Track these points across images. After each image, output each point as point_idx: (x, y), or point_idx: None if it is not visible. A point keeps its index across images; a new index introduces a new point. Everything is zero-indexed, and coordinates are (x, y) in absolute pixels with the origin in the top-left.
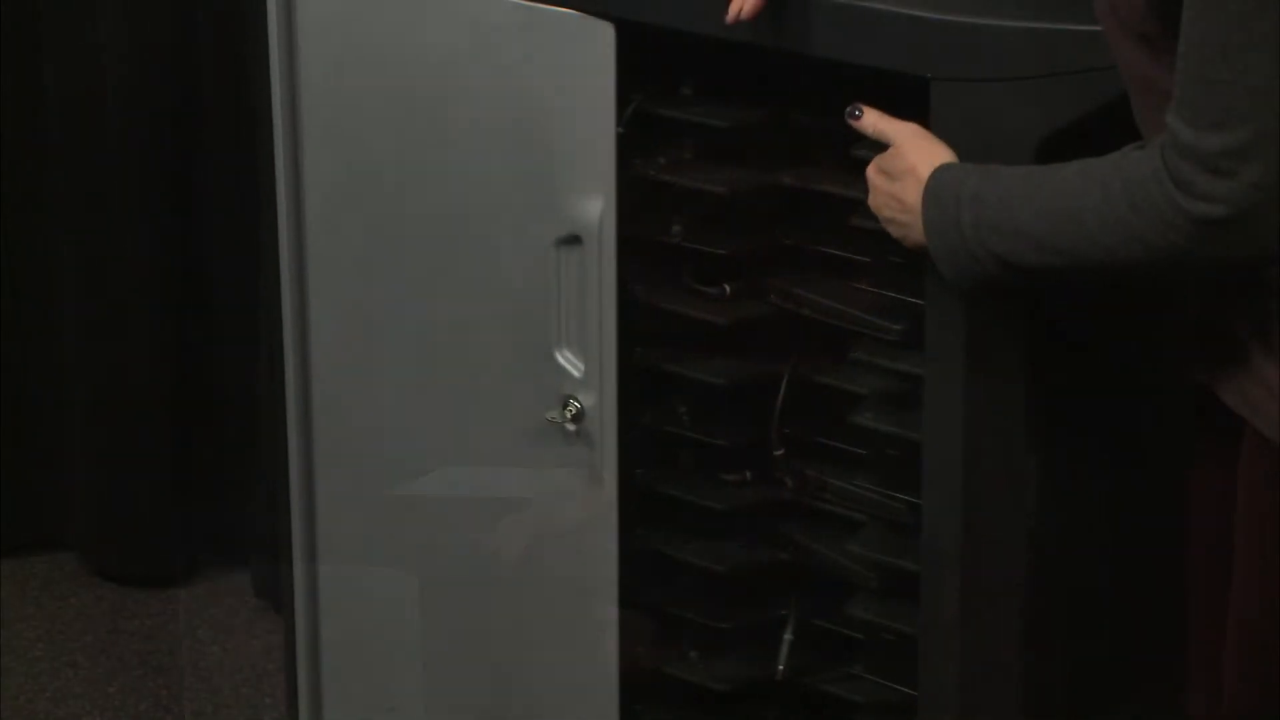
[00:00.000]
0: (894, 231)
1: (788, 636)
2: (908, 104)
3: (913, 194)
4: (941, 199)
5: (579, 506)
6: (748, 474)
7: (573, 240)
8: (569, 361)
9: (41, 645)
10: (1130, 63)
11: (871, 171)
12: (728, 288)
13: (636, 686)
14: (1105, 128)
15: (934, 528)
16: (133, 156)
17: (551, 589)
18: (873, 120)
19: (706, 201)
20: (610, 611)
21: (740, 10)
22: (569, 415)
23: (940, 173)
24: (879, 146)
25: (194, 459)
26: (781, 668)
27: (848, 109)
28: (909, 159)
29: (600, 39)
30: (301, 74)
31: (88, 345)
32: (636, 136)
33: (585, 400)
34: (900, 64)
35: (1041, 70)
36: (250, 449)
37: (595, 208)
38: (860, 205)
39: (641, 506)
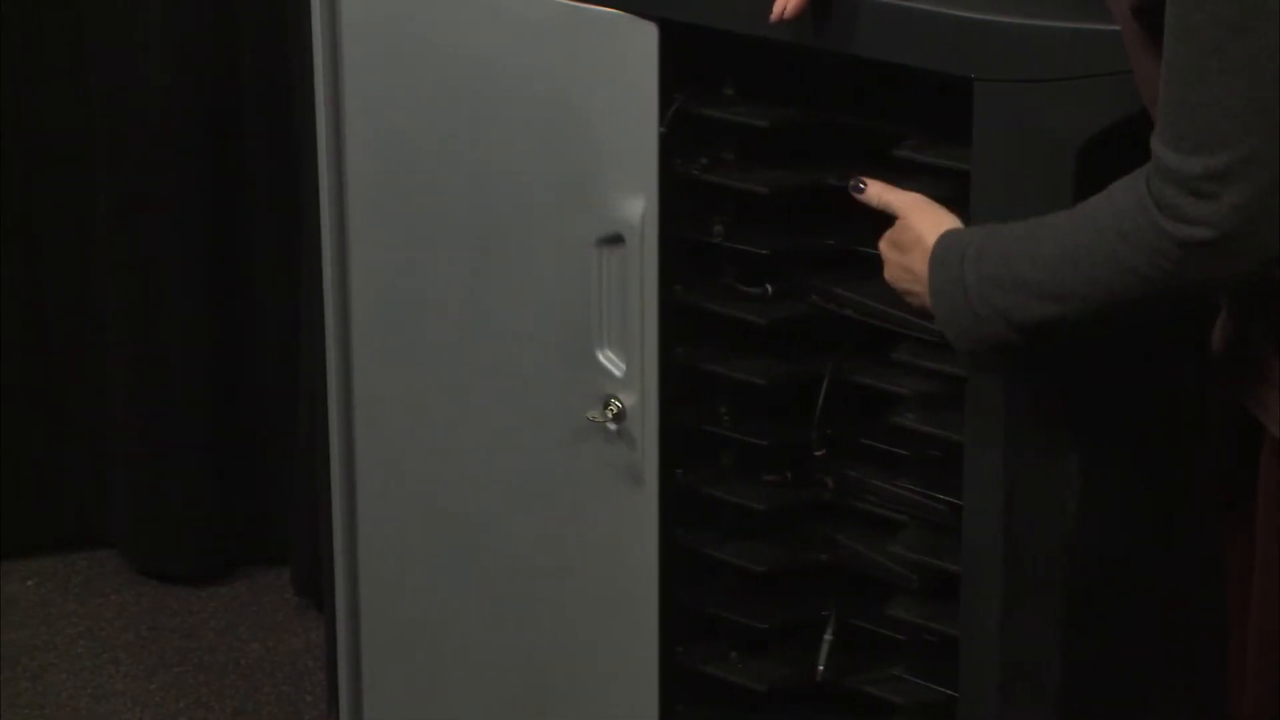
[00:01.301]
0: (913, 303)
1: (828, 637)
2: (950, 104)
3: (921, 263)
4: (946, 261)
5: (619, 506)
6: (788, 474)
7: (615, 240)
8: (610, 361)
9: (83, 642)
10: (1148, 76)
11: (884, 245)
12: (769, 288)
13: (676, 686)
14: (1149, 129)
15: (975, 529)
16: (175, 157)
17: (592, 588)
18: (877, 192)
19: (748, 201)
20: (650, 611)
21: (784, 10)
22: (610, 415)
23: (945, 237)
24: (924, 148)
25: (234, 457)
26: (821, 668)
27: (850, 183)
28: (916, 229)
29: (643, 39)
30: (345, 73)
31: (128, 344)
32: (679, 136)
33: (626, 400)
34: (944, 64)
35: (1086, 71)
36: (291, 447)
37: (637, 207)
38: None
39: (682, 506)
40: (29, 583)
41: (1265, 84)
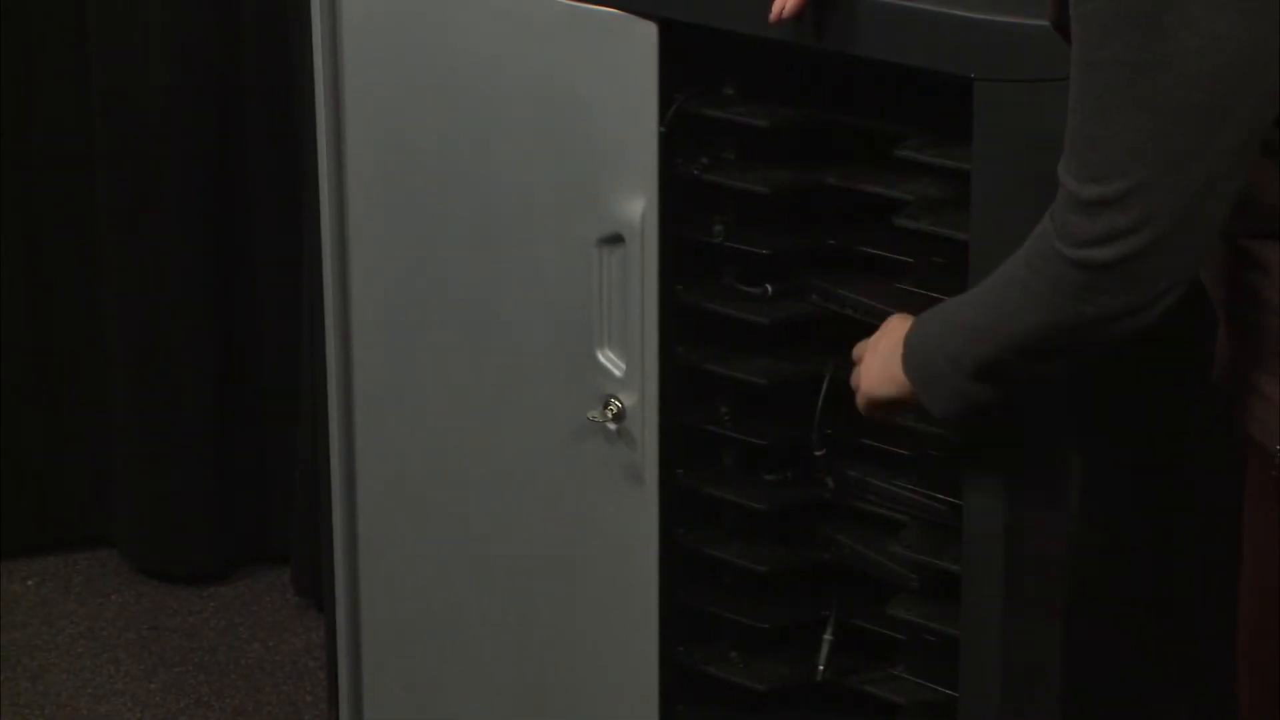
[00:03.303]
0: (889, 401)
1: (828, 637)
2: (950, 103)
3: (892, 348)
4: (923, 326)
5: (620, 506)
6: (789, 474)
7: (615, 239)
8: (610, 361)
9: (84, 642)
10: None
11: (854, 378)
12: (769, 287)
13: (676, 686)
14: None
15: (975, 528)
16: (176, 157)
17: (592, 588)
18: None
19: (748, 201)
20: (650, 611)
21: (782, 9)
22: (610, 414)
23: (922, 315)
24: (924, 148)
25: (236, 457)
26: (822, 668)
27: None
28: (882, 331)
29: (643, 38)
30: (345, 73)
31: (131, 344)
32: (679, 136)
33: (626, 399)
34: (944, 64)
35: None
36: (292, 447)
37: (637, 207)
38: (902, 205)
39: (682, 506)
40: (29, 583)
41: (1162, 119)
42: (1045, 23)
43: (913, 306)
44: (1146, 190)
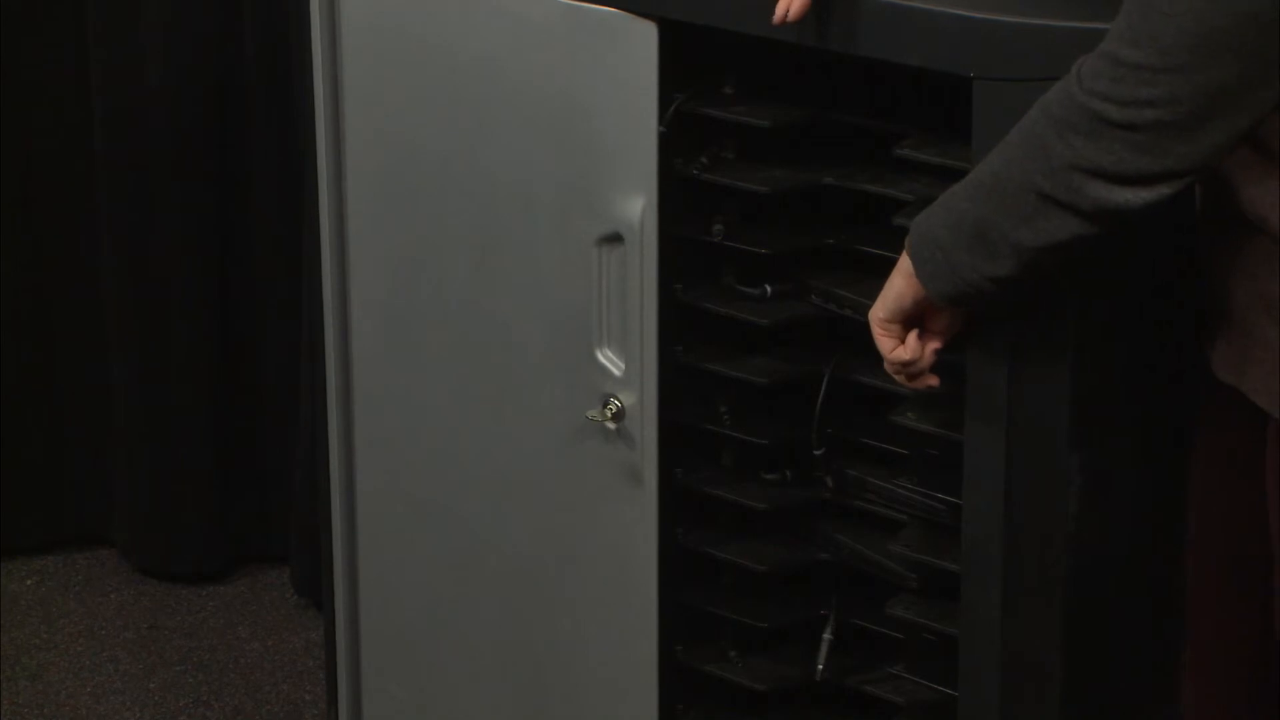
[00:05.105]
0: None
1: (827, 636)
2: (950, 103)
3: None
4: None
5: (619, 505)
6: (788, 473)
7: (614, 239)
8: (610, 360)
9: (83, 641)
10: None
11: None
12: (769, 288)
13: (676, 686)
14: None
15: (975, 527)
16: (176, 157)
17: (591, 588)
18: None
19: (748, 201)
20: (650, 611)
21: (787, 11)
22: (609, 414)
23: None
24: (924, 147)
25: (235, 456)
26: (821, 667)
27: None
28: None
29: (643, 38)
30: (344, 72)
31: (129, 344)
32: (678, 135)
33: (626, 399)
34: (944, 64)
35: None
36: (292, 446)
37: (637, 206)
38: (902, 205)
39: (681, 505)
40: (29, 582)
41: (1218, 13)
42: (1045, 23)
43: None
44: (1180, 74)
